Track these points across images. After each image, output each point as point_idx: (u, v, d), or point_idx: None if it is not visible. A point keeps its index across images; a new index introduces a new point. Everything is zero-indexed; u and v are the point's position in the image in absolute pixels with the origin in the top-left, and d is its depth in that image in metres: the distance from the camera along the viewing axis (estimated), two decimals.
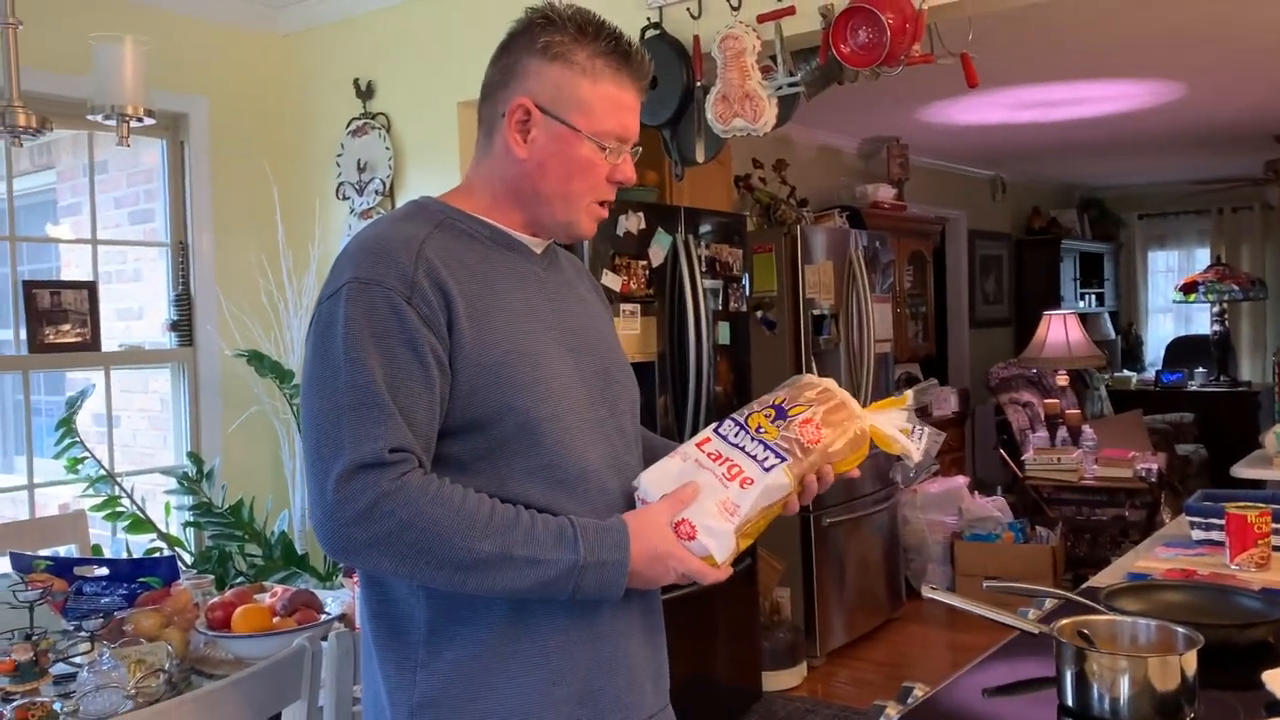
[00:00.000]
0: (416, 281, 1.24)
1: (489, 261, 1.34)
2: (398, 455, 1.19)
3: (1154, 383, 8.24)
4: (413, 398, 1.22)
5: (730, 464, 1.31)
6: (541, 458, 1.29)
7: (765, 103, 2.68)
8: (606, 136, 1.35)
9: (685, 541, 1.28)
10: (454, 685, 1.26)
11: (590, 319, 1.46)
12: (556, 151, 1.34)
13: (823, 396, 1.35)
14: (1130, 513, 5.20)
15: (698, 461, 1.33)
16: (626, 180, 1.40)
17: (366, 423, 1.19)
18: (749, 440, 1.33)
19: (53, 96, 3.13)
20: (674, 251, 3.58)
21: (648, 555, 1.26)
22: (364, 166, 3.71)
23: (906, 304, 6.41)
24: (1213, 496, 2.30)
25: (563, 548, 1.22)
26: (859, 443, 1.35)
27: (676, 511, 1.29)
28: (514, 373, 1.28)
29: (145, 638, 1.99)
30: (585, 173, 1.35)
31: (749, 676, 3.95)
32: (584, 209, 1.38)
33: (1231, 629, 1.53)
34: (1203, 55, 4.66)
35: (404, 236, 1.28)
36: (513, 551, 1.20)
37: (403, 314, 1.22)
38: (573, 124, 1.33)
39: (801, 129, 5.77)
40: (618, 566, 1.24)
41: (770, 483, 1.30)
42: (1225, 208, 8.97)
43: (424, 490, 1.19)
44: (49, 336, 3.39)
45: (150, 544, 3.42)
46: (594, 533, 1.25)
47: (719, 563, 1.29)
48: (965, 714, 1.36)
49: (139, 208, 3.89)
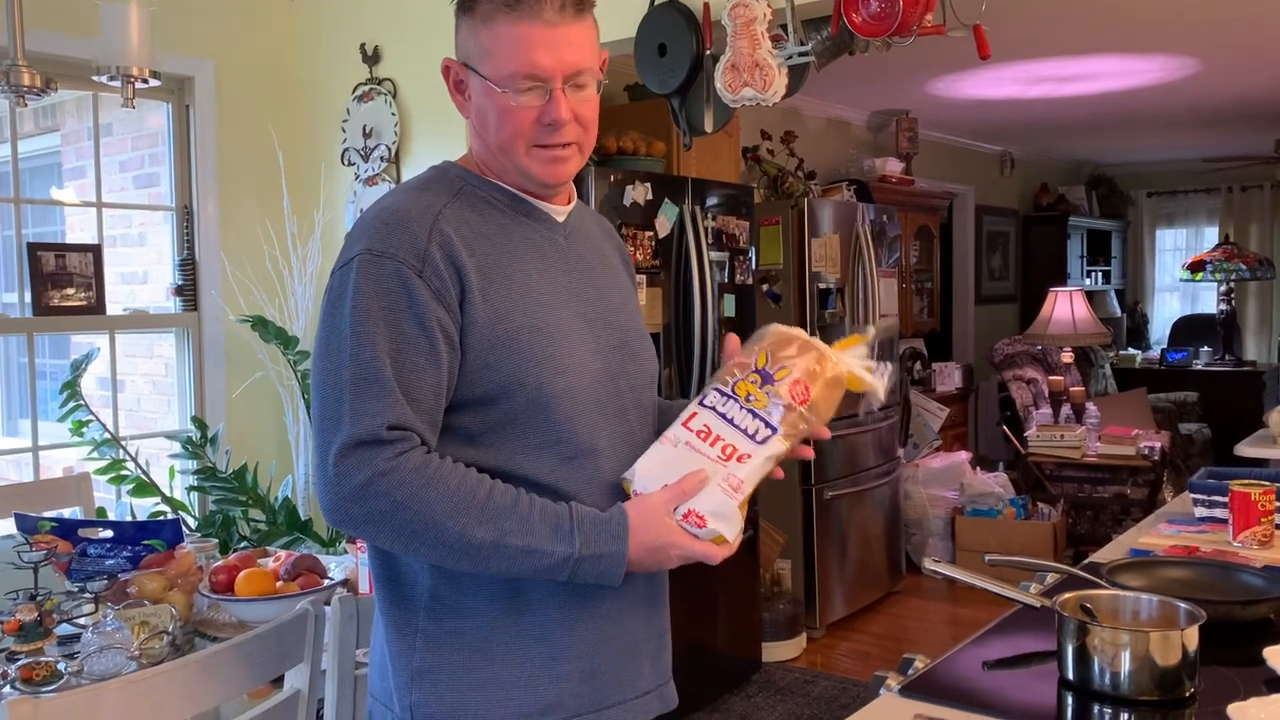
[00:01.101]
0: (429, 254, 1.23)
1: (507, 231, 1.32)
2: (396, 433, 1.18)
3: (1159, 361, 8.22)
4: (417, 373, 1.21)
5: (724, 443, 1.28)
6: (551, 434, 1.28)
7: (775, 72, 2.66)
8: (514, 79, 1.27)
9: (695, 529, 1.27)
10: (454, 654, 1.27)
11: (613, 289, 1.43)
12: (482, 105, 1.31)
13: (802, 350, 1.33)
14: (1132, 491, 5.20)
15: (689, 444, 1.30)
16: (555, 121, 1.29)
17: (367, 398, 1.18)
18: (739, 411, 1.30)
19: (58, 57, 3.11)
20: (680, 223, 3.57)
21: (648, 547, 1.25)
22: (370, 132, 3.69)
23: (912, 279, 6.39)
24: (1217, 474, 2.29)
25: (559, 539, 1.21)
26: (838, 385, 1.35)
27: (680, 502, 1.27)
28: (528, 347, 1.26)
29: (149, 600, 1.99)
30: (506, 121, 1.29)
31: (749, 647, 3.97)
32: (525, 155, 1.31)
33: (1233, 605, 1.53)
34: (1218, 32, 4.62)
35: (420, 207, 1.27)
36: (507, 540, 1.19)
37: (412, 288, 1.21)
38: (482, 73, 1.29)
39: (810, 101, 5.73)
40: (615, 559, 1.24)
41: (768, 454, 1.29)
42: (1235, 186, 8.92)
43: (420, 471, 1.18)
44: (53, 299, 3.38)
45: (154, 508, 3.43)
46: (591, 524, 1.23)
47: (729, 540, 1.29)
48: (966, 686, 1.37)
49: (144, 171, 3.88)
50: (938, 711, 1.27)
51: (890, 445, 4.99)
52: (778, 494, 4.40)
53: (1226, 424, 6.78)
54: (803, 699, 3.77)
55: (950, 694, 1.33)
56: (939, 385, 6.42)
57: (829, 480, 4.49)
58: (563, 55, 1.27)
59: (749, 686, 3.88)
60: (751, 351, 1.34)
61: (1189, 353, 8.14)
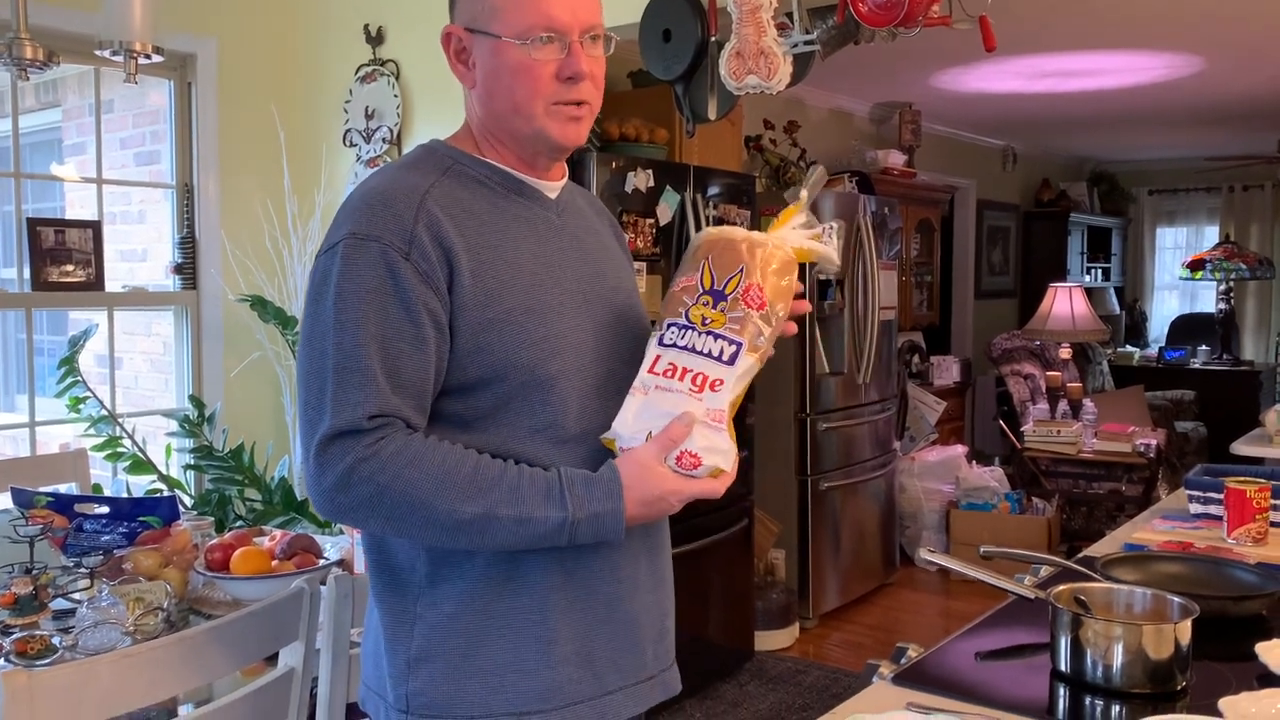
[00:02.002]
0: (416, 236, 1.21)
1: (499, 210, 1.30)
2: (377, 421, 1.17)
3: (1157, 359, 8.23)
4: (403, 358, 1.19)
5: (693, 374, 1.24)
6: (545, 416, 1.26)
7: (780, 60, 2.65)
8: (532, 31, 1.24)
9: (690, 471, 1.24)
10: (450, 640, 1.26)
11: (607, 266, 1.40)
12: (493, 67, 1.27)
13: (749, 252, 1.27)
14: (1127, 488, 5.21)
15: (659, 388, 1.26)
16: (576, 74, 1.27)
17: (349, 387, 1.17)
18: (698, 338, 1.25)
19: (61, 32, 3.10)
20: (681, 210, 3.56)
21: (645, 501, 1.23)
22: (372, 114, 3.68)
23: (912, 272, 6.39)
24: (1212, 471, 2.30)
25: (550, 504, 1.20)
26: (789, 269, 1.29)
27: (670, 450, 1.24)
28: (520, 329, 1.24)
29: (144, 576, 2.00)
30: (523, 77, 1.26)
31: (742, 636, 3.98)
32: (544, 114, 1.28)
33: (1227, 601, 1.54)
34: (1223, 30, 4.60)
35: (406, 187, 1.25)
36: (498, 511, 1.18)
37: (398, 271, 1.19)
38: (493, 32, 1.26)
39: (814, 91, 5.72)
40: (612, 516, 1.22)
41: (739, 372, 1.25)
42: (1236, 186, 8.91)
43: (401, 453, 1.17)
44: (52, 275, 3.38)
45: (150, 485, 3.43)
46: (583, 486, 1.22)
47: (727, 469, 1.26)
48: (958, 676, 1.37)
49: (145, 149, 3.87)
50: (930, 700, 1.27)
51: (886, 437, 4.99)
52: (773, 483, 4.41)
53: (1223, 423, 6.80)
54: (794, 688, 3.78)
55: (943, 684, 1.33)
56: (937, 379, 6.43)
57: (824, 471, 4.49)
58: (577, 9, 1.26)
59: (741, 675, 3.89)
60: (694, 270, 1.29)
61: (1187, 351, 8.15)
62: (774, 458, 4.42)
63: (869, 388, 4.76)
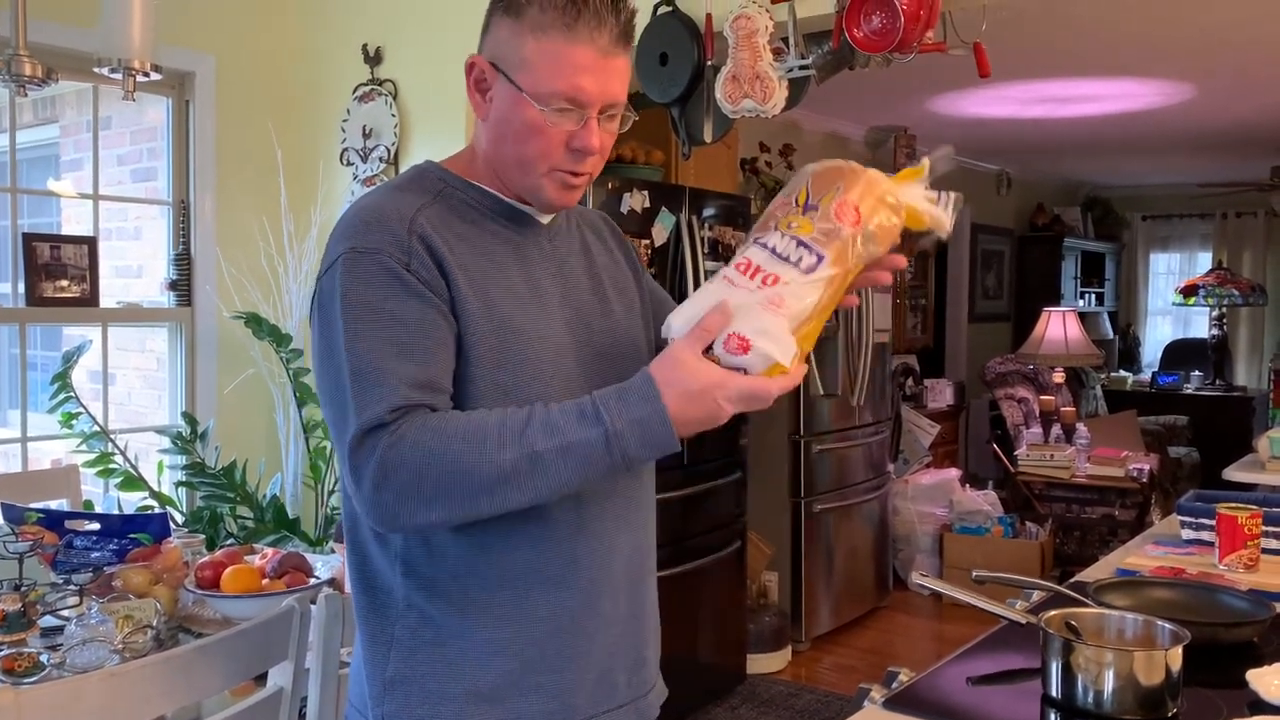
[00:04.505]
0: (412, 248, 1.21)
1: (487, 234, 1.29)
2: (398, 413, 1.15)
3: (1150, 384, 8.25)
4: (417, 354, 1.17)
5: (764, 274, 1.15)
6: None
7: (775, 84, 2.67)
8: (553, 99, 1.21)
9: (739, 356, 1.13)
10: (425, 665, 1.25)
11: (602, 292, 1.38)
12: (507, 113, 1.25)
13: (854, 174, 1.20)
14: (1120, 512, 5.21)
15: (727, 279, 1.17)
16: (586, 149, 1.25)
17: (367, 388, 1.16)
18: (780, 239, 1.17)
19: (59, 49, 3.11)
20: (677, 232, 3.57)
21: (687, 395, 1.13)
22: (369, 133, 3.69)
23: (906, 295, 6.41)
24: (1204, 497, 2.30)
25: (585, 424, 1.13)
26: (895, 213, 1.20)
27: (706, 341, 1.14)
28: (505, 349, 1.23)
29: (134, 594, 1.99)
30: (534, 137, 1.24)
31: (733, 658, 3.96)
32: (543, 177, 1.27)
33: (1218, 627, 1.54)
34: (1217, 58, 4.64)
35: (397, 206, 1.24)
36: (537, 447, 1.13)
37: (402, 276, 1.19)
38: (517, 83, 1.23)
39: (810, 115, 5.75)
40: (656, 418, 1.13)
41: (817, 278, 1.15)
42: (1229, 212, 8.96)
43: (424, 429, 1.14)
44: (47, 291, 3.37)
45: (142, 502, 3.42)
46: (616, 397, 1.15)
47: (787, 364, 1.14)
48: (950, 701, 1.37)
49: (142, 165, 3.87)
50: None
51: (880, 460, 4.99)
52: (766, 505, 4.40)
53: (1215, 448, 6.81)
54: (786, 711, 3.76)
55: (934, 708, 1.33)
56: (930, 402, 6.44)
57: (818, 493, 4.49)
58: (607, 85, 1.24)
59: (733, 698, 3.87)
60: (792, 190, 1.22)
61: (1180, 376, 8.17)
62: (767, 479, 4.42)
63: (863, 410, 4.77)
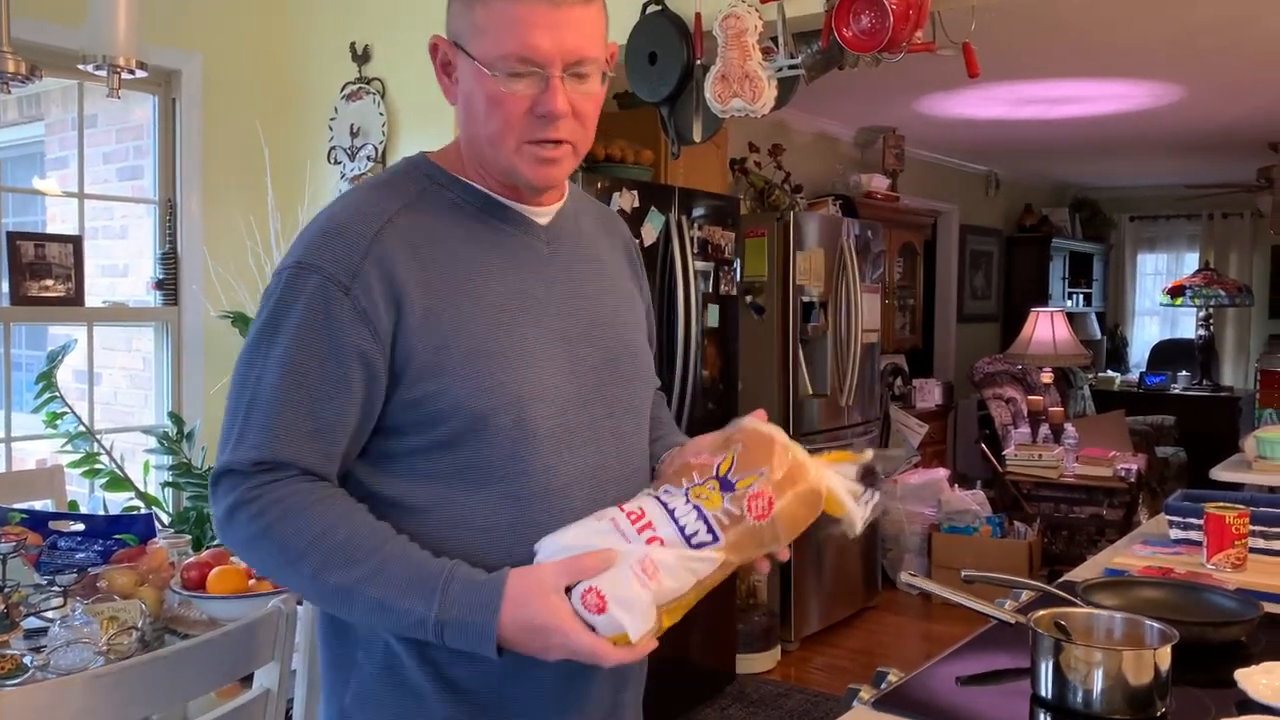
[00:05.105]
0: (361, 271, 1.13)
1: (473, 238, 1.21)
2: (266, 466, 1.12)
3: (1137, 384, 8.28)
4: (318, 402, 1.12)
5: (653, 534, 1.10)
6: (500, 469, 1.16)
7: (765, 84, 2.66)
8: (506, 61, 1.13)
9: (592, 615, 1.07)
10: (385, 692, 1.20)
11: (604, 298, 1.30)
12: (469, 88, 1.18)
13: (781, 463, 1.14)
14: (1108, 512, 5.23)
15: (615, 523, 1.12)
16: (550, 113, 1.15)
17: (252, 427, 1.12)
18: (683, 505, 1.12)
19: (44, 46, 3.08)
20: (666, 231, 3.57)
21: (526, 626, 1.06)
22: (357, 131, 3.67)
23: (895, 295, 6.41)
24: (1192, 497, 2.31)
25: (418, 596, 1.08)
26: (812, 502, 1.16)
27: (578, 578, 1.08)
28: (475, 374, 1.15)
29: (119, 595, 1.97)
30: (495, 109, 1.15)
31: (723, 659, 3.96)
32: (514, 154, 1.18)
33: (1206, 627, 1.54)
34: (1205, 60, 4.66)
35: (366, 214, 1.18)
36: (362, 589, 1.08)
37: (332, 308, 1.12)
38: (471, 53, 1.15)
39: (799, 115, 5.75)
40: (481, 631, 1.07)
41: (699, 560, 1.10)
42: (1216, 213, 9.00)
43: (280, 503, 1.10)
44: (32, 290, 3.35)
45: (128, 502, 3.40)
46: (462, 586, 1.08)
47: (634, 640, 1.07)
48: (939, 701, 1.37)
49: (128, 164, 3.85)
50: None
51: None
52: None
53: (1202, 448, 6.83)
54: (776, 712, 3.76)
55: (923, 708, 1.32)
56: (919, 402, 6.45)
57: None
58: (564, 38, 1.13)
59: (722, 698, 3.87)
60: (719, 452, 1.17)
61: (1167, 377, 8.21)
62: None
63: (851, 410, 4.77)
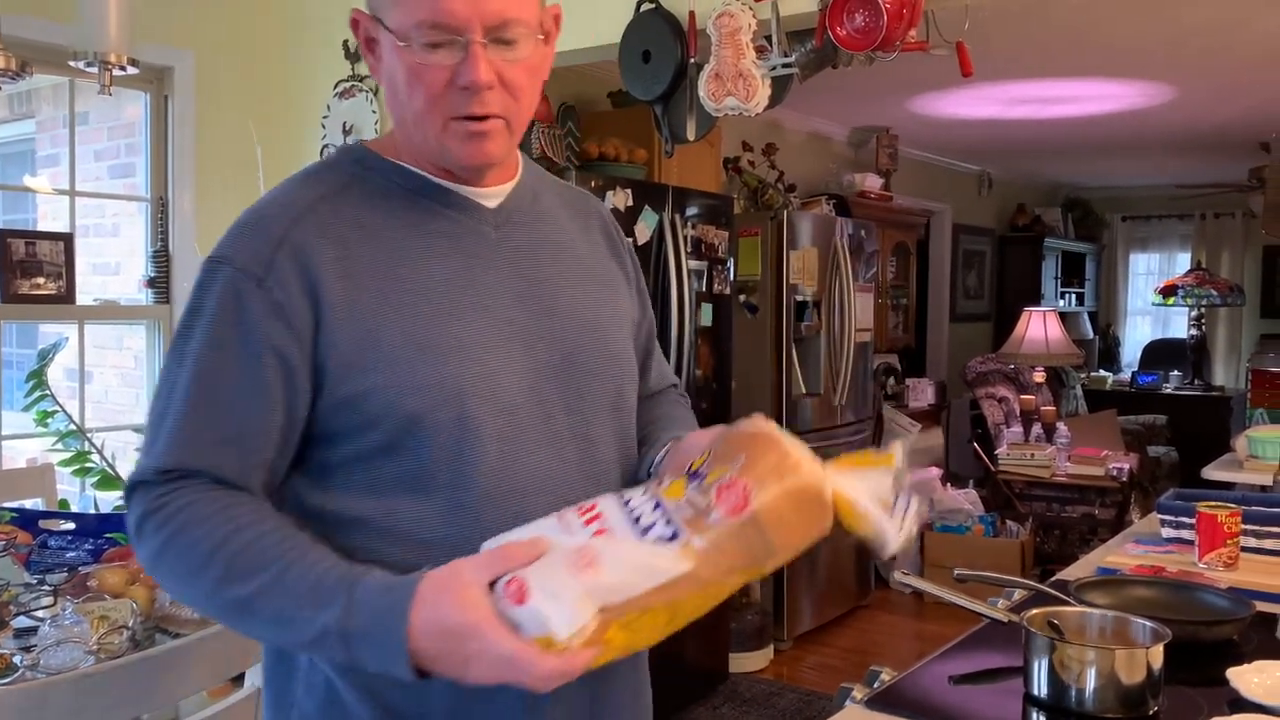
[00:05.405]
0: (275, 263, 1.05)
1: (408, 225, 1.11)
2: (173, 475, 1.03)
3: (1129, 384, 8.30)
4: (230, 407, 1.04)
5: (600, 526, 0.93)
6: (442, 475, 1.05)
7: (758, 83, 2.66)
8: (420, 29, 1.03)
9: (513, 608, 0.89)
10: None
11: (565, 285, 1.17)
12: (389, 63, 1.08)
13: (765, 454, 0.95)
14: (1100, 511, 5.24)
15: (559, 515, 0.97)
16: (472, 83, 1.03)
17: (161, 434, 1.05)
18: (640, 494, 0.97)
19: (34, 42, 3.07)
20: (660, 230, 3.57)
21: (437, 630, 0.91)
22: (349, 129, 3.66)
23: (888, 294, 6.42)
24: (1184, 496, 2.31)
25: (319, 605, 0.94)
26: (809, 503, 0.95)
27: (503, 569, 0.92)
28: (407, 369, 1.04)
29: (110, 594, 1.96)
30: (415, 84, 1.05)
31: (716, 658, 3.96)
32: (442, 132, 1.07)
33: (1198, 626, 1.54)
34: (1197, 60, 4.67)
35: (286, 204, 1.10)
36: (263, 602, 0.97)
37: (244, 303, 1.04)
38: (387, 24, 1.06)
39: (792, 114, 5.75)
40: (388, 640, 0.92)
41: (649, 556, 0.90)
42: (1208, 213, 9.03)
43: (184, 510, 1.01)
44: (22, 288, 3.34)
45: (119, 501, 3.39)
46: (371, 591, 0.94)
47: (559, 641, 0.87)
48: (932, 700, 1.36)
49: (119, 161, 3.84)
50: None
51: None
52: None
53: (1194, 447, 6.85)
54: (769, 711, 3.76)
55: (916, 707, 1.32)
56: (912, 401, 6.45)
57: None
58: (475, 6, 1.03)
59: (715, 697, 3.87)
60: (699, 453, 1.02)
61: (1159, 376, 8.23)
62: None
63: (845, 409, 4.77)
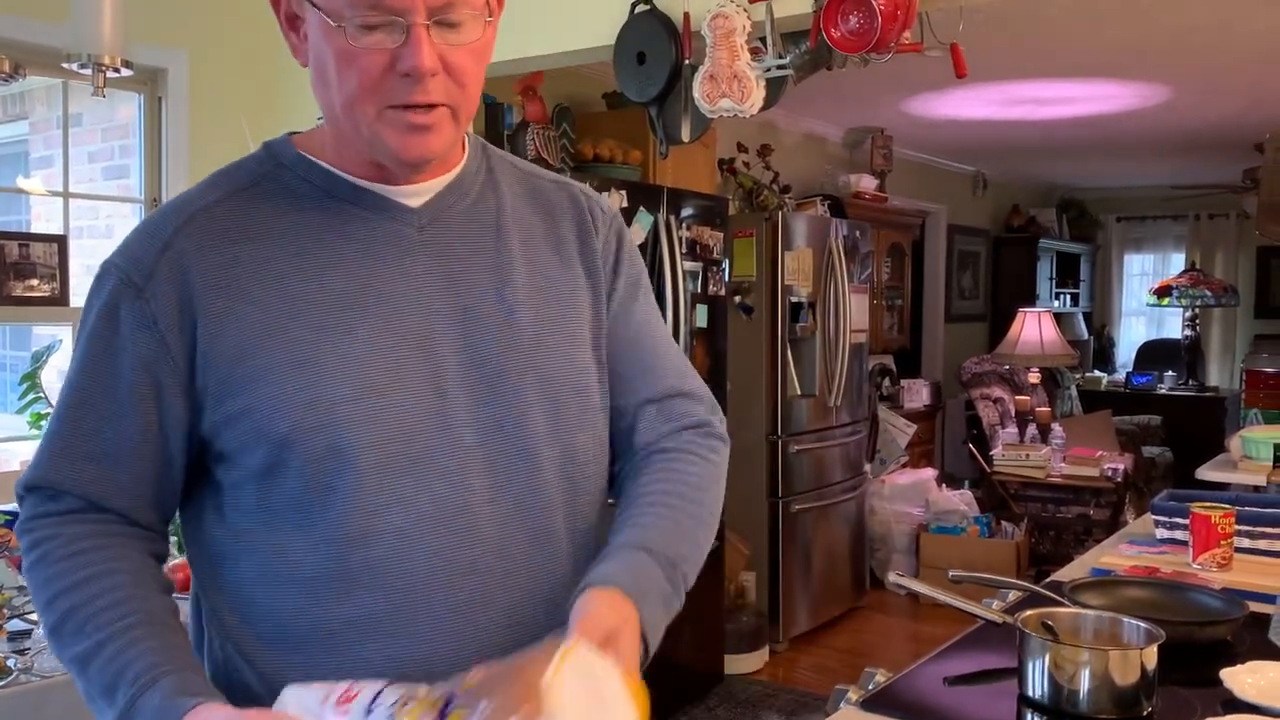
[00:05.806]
0: (157, 271, 0.99)
1: (313, 228, 1.02)
2: (45, 491, 1.01)
3: (1124, 384, 8.32)
4: (95, 424, 0.99)
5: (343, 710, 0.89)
6: (319, 506, 0.98)
7: (753, 84, 2.66)
8: (355, 9, 0.93)
9: None
10: None
11: (503, 291, 1.06)
12: (317, 45, 0.98)
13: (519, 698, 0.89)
14: (1095, 511, 5.25)
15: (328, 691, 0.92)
16: (415, 69, 0.94)
17: (41, 448, 1.02)
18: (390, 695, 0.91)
19: (27, 44, 3.06)
20: (654, 231, 3.57)
21: None
22: None
23: (883, 295, 6.42)
24: (1178, 496, 2.32)
25: (110, 696, 0.93)
26: None
27: None
28: (282, 389, 0.97)
29: None
30: (347, 69, 0.95)
31: (711, 659, 3.96)
32: (376, 122, 0.97)
33: (1192, 626, 1.54)
34: (1191, 60, 4.68)
35: (181, 205, 1.04)
36: (76, 666, 0.96)
37: (119, 314, 0.99)
38: (316, 3, 0.95)
39: (787, 115, 5.76)
40: None
41: None
42: (1202, 214, 9.04)
43: (40, 544, 0.99)
44: (16, 290, 3.33)
45: None
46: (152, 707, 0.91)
47: None
48: (926, 701, 1.37)
49: (113, 163, 3.83)
50: None
51: (857, 460, 5.00)
52: (744, 506, 4.40)
53: (1188, 448, 6.86)
54: (764, 712, 3.76)
55: (911, 709, 1.32)
56: (907, 402, 6.46)
57: (795, 493, 4.49)
58: None
59: (710, 699, 3.87)
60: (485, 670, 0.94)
61: (1153, 377, 8.24)
62: (744, 480, 4.42)
63: (840, 410, 4.77)
